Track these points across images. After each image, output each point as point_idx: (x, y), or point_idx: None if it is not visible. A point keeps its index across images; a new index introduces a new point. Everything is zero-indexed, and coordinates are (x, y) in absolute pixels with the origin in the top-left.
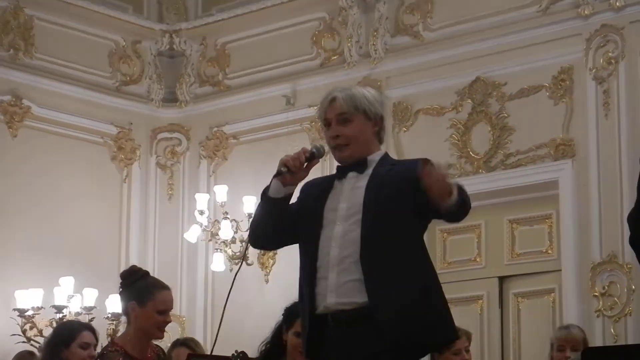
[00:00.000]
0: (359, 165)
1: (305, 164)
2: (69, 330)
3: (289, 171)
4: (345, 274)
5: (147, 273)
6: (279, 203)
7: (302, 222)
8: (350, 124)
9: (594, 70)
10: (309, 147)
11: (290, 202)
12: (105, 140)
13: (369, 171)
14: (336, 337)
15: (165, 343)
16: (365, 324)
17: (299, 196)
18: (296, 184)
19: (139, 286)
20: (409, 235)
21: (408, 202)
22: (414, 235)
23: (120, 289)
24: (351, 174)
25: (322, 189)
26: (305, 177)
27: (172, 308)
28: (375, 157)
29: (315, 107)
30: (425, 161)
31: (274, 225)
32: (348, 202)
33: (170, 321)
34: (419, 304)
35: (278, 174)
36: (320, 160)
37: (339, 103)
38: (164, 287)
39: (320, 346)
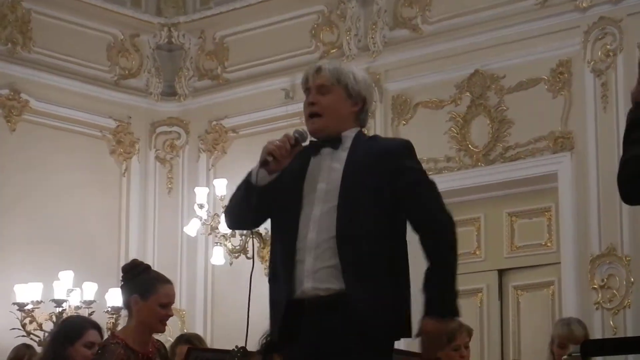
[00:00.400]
0: (333, 141)
1: (290, 151)
2: (76, 327)
3: (274, 159)
4: (321, 259)
5: (149, 267)
6: (263, 191)
7: (280, 199)
8: (329, 95)
9: (592, 63)
10: (294, 135)
11: None
12: (104, 134)
13: (345, 150)
14: (312, 322)
15: (165, 337)
16: (340, 311)
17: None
18: (280, 170)
19: (142, 280)
20: (385, 227)
21: (386, 198)
22: (390, 228)
23: (122, 283)
24: (325, 150)
25: (297, 167)
26: (288, 163)
27: (174, 302)
28: (349, 134)
29: None
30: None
31: (256, 209)
32: (326, 183)
33: (172, 315)
34: (390, 296)
35: (264, 164)
36: None
37: (323, 73)
38: (166, 281)
39: (292, 331)
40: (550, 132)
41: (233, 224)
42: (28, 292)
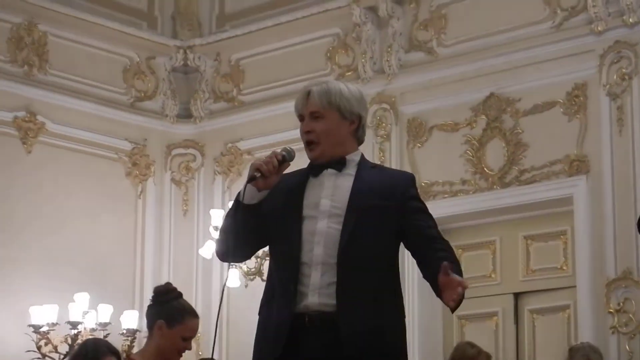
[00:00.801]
0: (337, 164)
1: (277, 168)
2: (93, 352)
3: (262, 176)
4: (328, 274)
5: (180, 294)
6: (253, 209)
7: (278, 217)
8: (322, 120)
9: (607, 87)
10: (281, 152)
11: None
12: (119, 156)
13: (351, 171)
14: (312, 339)
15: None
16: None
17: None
18: (269, 189)
19: (172, 307)
20: (387, 251)
21: (392, 221)
22: (391, 253)
23: (151, 304)
24: (329, 171)
25: (295, 183)
26: (276, 181)
27: (195, 336)
28: (354, 157)
29: None
30: (447, 268)
31: (249, 233)
32: (331, 199)
33: (190, 348)
34: (385, 324)
35: (251, 179)
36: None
37: (313, 99)
38: (194, 315)
39: (293, 348)
40: (566, 156)
41: (225, 253)
42: (43, 314)
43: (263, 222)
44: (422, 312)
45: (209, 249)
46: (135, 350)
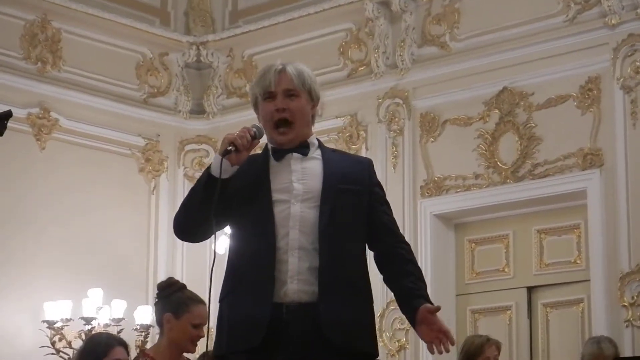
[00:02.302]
0: (301, 147)
1: (251, 143)
2: (102, 345)
3: (236, 150)
4: (305, 260)
5: (184, 286)
6: (226, 184)
7: (245, 201)
8: (297, 99)
9: (621, 80)
10: (252, 128)
11: None
12: (133, 152)
13: (316, 154)
14: (291, 327)
15: (194, 356)
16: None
17: None
18: (239, 165)
19: (176, 298)
20: (360, 236)
21: (363, 205)
22: (364, 237)
23: (156, 300)
24: (294, 154)
25: (259, 169)
26: (246, 157)
27: (206, 323)
28: (314, 141)
29: (343, 118)
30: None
31: (216, 209)
32: (303, 183)
33: (203, 335)
34: (363, 308)
35: (226, 153)
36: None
37: (290, 76)
38: (200, 301)
39: (268, 335)
40: (579, 149)
41: (187, 230)
42: (57, 309)
43: (229, 202)
44: None
45: (222, 244)
46: (149, 345)
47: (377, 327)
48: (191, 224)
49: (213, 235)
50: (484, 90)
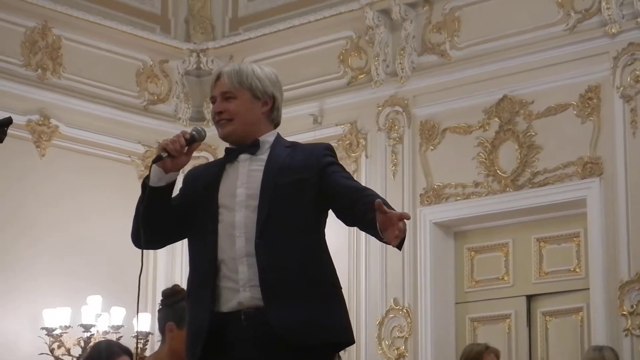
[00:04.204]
0: (251, 147)
1: (186, 148)
2: (106, 352)
3: (169, 155)
4: (254, 266)
5: None
6: (161, 192)
7: (194, 212)
8: (234, 101)
9: (621, 89)
10: (190, 131)
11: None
12: (132, 159)
13: (264, 154)
14: (248, 334)
15: None
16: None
17: (182, 186)
18: (178, 170)
19: (179, 308)
20: (309, 227)
21: (310, 193)
22: (314, 228)
23: (160, 307)
24: (243, 156)
25: (211, 175)
26: (187, 162)
27: None
28: (267, 138)
29: (343, 126)
30: (381, 205)
31: (159, 218)
32: (246, 187)
33: None
34: (317, 301)
35: (158, 159)
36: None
37: (223, 80)
38: None
39: (218, 346)
40: (579, 158)
41: (136, 239)
42: (56, 316)
43: (177, 210)
44: (434, 314)
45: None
46: (147, 353)
47: (376, 334)
48: (138, 234)
49: (160, 247)
50: (484, 99)
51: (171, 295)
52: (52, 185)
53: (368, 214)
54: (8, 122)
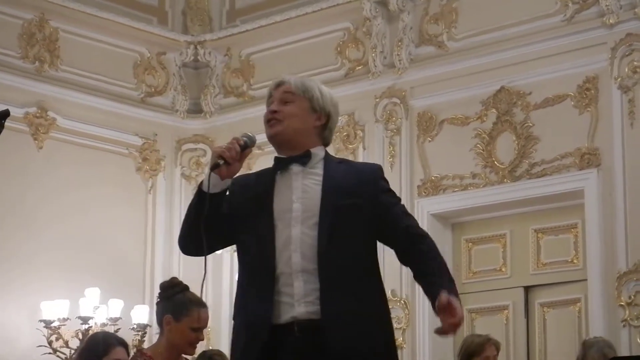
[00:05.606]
0: (302, 157)
1: (240, 154)
2: (103, 344)
3: (225, 162)
4: (310, 282)
5: (186, 287)
6: (217, 198)
7: (248, 222)
8: (292, 105)
9: (619, 79)
10: (243, 137)
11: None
12: (130, 152)
13: (318, 168)
14: (301, 345)
15: (192, 357)
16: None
17: (229, 195)
18: (232, 177)
19: (177, 300)
20: (366, 250)
21: (366, 218)
22: (370, 250)
23: (158, 300)
24: (295, 168)
25: (262, 185)
26: (240, 168)
27: (206, 326)
28: (318, 152)
29: (340, 117)
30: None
31: (213, 224)
32: (302, 202)
33: (202, 339)
34: (372, 325)
35: (215, 167)
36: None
37: (289, 83)
38: (201, 305)
39: (269, 357)
40: (577, 149)
41: (187, 246)
42: (54, 309)
43: (228, 218)
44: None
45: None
46: (146, 345)
47: None
48: (189, 240)
49: (209, 253)
50: (481, 90)
51: (169, 288)
52: (49, 177)
53: (430, 293)
54: (5, 114)
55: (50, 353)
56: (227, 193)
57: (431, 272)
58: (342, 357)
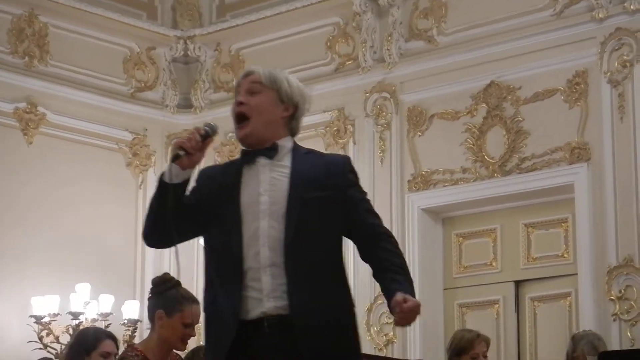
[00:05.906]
0: (269, 150)
1: (201, 144)
2: (92, 338)
3: (186, 153)
4: (278, 277)
5: (178, 283)
6: (178, 188)
7: (211, 213)
8: (259, 96)
9: (608, 74)
10: (204, 127)
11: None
12: (120, 147)
13: (285, 160)
14: (272, 341)
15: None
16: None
17: (196, 185)
18: (194, 167)
19: (169, 296)
20: (333, 244)
21: (333, 210)
22: (338, 244)
23: (150, 295)
24: (263, 160)
25: (229, 177)
26: (202, 158)
27: (198, 322)
28: (285, 143)
29: (330, 112)
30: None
31: (174, 215)
32: (270, 195)
33: (194, 335)
34: (340, 319)
35: (175, 158)
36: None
37: (257, 74)
38: (193, 301)
39: (242, 354)
40: (567, 143)
41: (153, 239)
42: (45, 304)
43: (193, 209)
44: (422, 301)
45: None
46: (137, 340)
47: (365, 321)
48: (152, 232)
49: (178, 242)
50: (471, 85)
51: (161, 283)
52: (39, 173)
53: (387, 292)
54: None
55: (40, 348)
56: (196, 184)
57: (393, 270)
58: (311, 352)
